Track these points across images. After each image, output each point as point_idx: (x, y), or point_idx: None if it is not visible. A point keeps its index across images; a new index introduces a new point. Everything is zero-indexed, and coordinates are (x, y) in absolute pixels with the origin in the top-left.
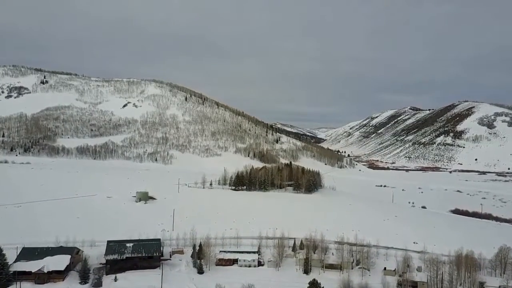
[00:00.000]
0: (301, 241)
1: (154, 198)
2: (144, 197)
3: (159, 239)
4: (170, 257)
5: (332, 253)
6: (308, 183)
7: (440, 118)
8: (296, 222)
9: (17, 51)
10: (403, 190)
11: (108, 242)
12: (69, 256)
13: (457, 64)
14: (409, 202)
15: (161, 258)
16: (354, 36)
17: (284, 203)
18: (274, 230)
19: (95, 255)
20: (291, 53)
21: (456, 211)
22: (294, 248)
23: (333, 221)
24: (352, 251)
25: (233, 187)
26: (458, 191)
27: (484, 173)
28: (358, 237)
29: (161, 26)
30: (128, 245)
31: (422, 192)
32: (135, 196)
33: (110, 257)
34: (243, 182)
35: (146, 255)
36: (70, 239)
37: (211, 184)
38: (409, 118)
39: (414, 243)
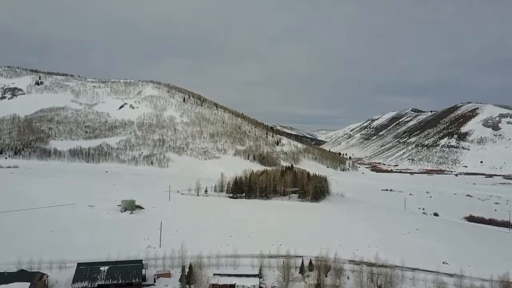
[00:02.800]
0: (310, 260)
1: (142, 208)
2: (130, 206)
3: (141, 260)
4: (154, 281)
5: (348, 277)
6: (315, 190)
7: (443, 120)
8: (303, 236)
9: (13, 52)
10: (410, 194)
11: (79, 265)
12: (28, 284)
13: (458, 65)
14: (419, 208)
15: (143, 283)
16: (354, 38)
17: (289, 214)
18: (278, 247)
19: (64, 280)
20: (291, 55)
21: (471, 218)
22: (302, 270)
23: (346, 235)
24: (372, 273)
25: (231, 195)
26: (468, 195)
27: (491, 176)
28: (377, 255)
29: (160, 27)
30: (102, 268)
31: (431, 197)
32: (120, 205)
33: (79, 284)
34: (241, 188)
35: (123, 281)
36: (36, 260)
37: (206, 191)
38: (410, 120)
39: (443, 263)
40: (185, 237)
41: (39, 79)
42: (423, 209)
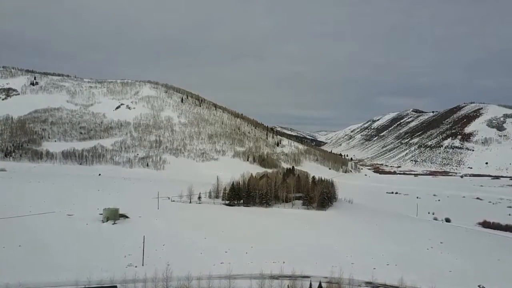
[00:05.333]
0: (320, 283)
1: (127, 217)
2: (113, 216)
3: (115, 286)
4: None
5: None
6: (322, 196)
7: (446, 120)
8: (311, 251)
9: (9, 52)
10: (417, 197)
11: None
12: None
13: (458, 66)
14: (428, 213)
15: None
16: (354, 38)
17: (293, 224)
18: (281, 265)
19: None
20: (290, 55)
21: (486, 224)
22: None
23: (359, 250)
24: None
25: (227, 202)
26: (478, 198)
27: (497, 177)
28: (397, 276)
29: (159, 27)
30: None
31: (439, 200)
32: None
33: None
34: (239, 195)
35: None
36: None
37: (199, 198)
38: (412, 121)
39: (479, 286)
40: (173, 252)
41: (34, 79)
42: (433, 214)
